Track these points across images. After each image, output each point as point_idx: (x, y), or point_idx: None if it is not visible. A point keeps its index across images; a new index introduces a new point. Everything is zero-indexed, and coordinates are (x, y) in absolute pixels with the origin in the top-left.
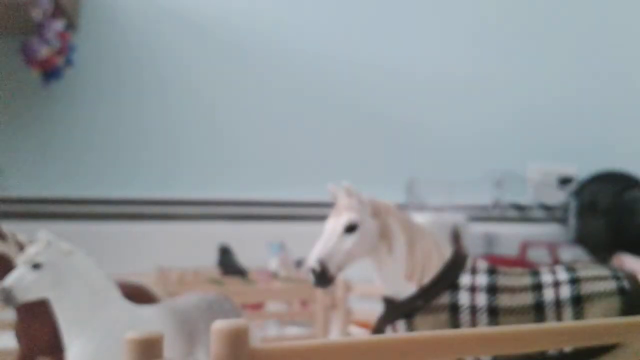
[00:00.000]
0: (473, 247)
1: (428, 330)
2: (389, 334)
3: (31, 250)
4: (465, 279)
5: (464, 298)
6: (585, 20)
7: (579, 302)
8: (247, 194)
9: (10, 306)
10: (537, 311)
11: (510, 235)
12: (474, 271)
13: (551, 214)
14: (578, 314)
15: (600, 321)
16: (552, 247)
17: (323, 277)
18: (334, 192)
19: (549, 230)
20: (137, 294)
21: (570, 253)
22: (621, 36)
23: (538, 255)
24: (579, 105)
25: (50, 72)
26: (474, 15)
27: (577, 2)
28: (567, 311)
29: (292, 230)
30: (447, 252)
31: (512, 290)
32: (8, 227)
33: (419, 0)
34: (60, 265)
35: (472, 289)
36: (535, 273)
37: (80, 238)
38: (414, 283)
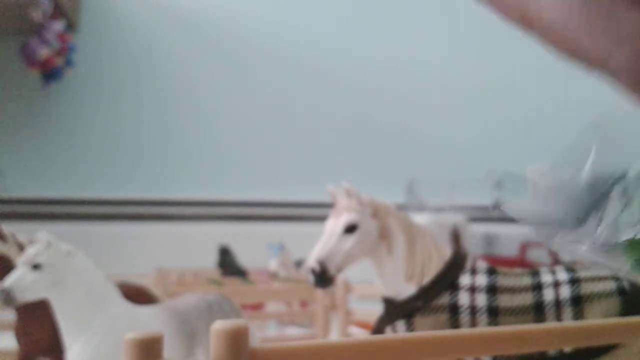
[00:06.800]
0: (473, 247)
1: (428, 331)
2: (388, 334)
3: (31, 251)
4: (465, 280)
5: (463, 298)
6: None
7: (578, 303)
8: (247, 194)
9: (10, 306)
10: (537, 311)
11: (510, 236)
12: (473, 271)
13: None
14: (578, 314)
15: (600, 321)
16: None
17: (323, 278)
18: (333, 192)
19: None
20: (137, 295)
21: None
22: None
23: (538, 255)
24: (579, 105)
25: (50, 73)
26: (474, 17)
27: None
28: (567, 311)
29: (292, 230)
30: (446, 253)
31: (511, 290)
32: (8, 227)
33: (419, 2)
34: (60, 266)
35: (472, 290)
36: (534, 273)
37: (80, 238)
38: (413, 283)
